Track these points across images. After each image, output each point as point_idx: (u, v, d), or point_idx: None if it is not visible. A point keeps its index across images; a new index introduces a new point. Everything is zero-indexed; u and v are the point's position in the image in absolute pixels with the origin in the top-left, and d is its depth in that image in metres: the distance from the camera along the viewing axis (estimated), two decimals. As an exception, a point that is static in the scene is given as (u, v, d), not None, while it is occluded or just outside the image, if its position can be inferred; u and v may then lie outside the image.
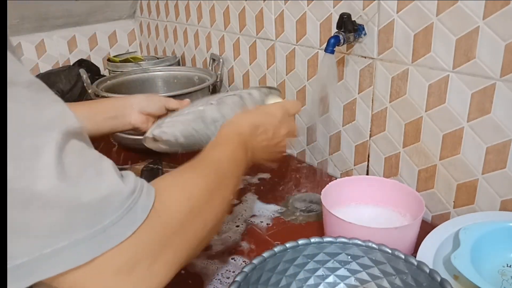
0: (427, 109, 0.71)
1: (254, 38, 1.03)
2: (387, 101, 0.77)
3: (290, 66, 0.96)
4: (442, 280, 0.47)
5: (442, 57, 0.67)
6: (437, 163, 0.73)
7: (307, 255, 0.55)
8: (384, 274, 0.53)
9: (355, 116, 0.84)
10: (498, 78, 0.61)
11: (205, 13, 1.18)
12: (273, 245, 0.69)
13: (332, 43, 0.75)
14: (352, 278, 0.55)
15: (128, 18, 1.53)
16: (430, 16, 0.66)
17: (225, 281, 0.64)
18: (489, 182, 0.67)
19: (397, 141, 0.78)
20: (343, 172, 0.92)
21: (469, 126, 0.67)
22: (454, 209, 0.73)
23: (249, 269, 0.49)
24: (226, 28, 1.12)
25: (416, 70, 0.71)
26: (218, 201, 0.48)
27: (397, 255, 0.52)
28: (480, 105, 0.64)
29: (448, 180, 0.72)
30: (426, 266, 0.49)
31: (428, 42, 0.68)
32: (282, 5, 0.92)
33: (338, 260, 0.55)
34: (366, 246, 0.54)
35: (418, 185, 0.77)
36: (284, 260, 0.53)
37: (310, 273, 0.55)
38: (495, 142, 0.64)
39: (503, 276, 0.58)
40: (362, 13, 0.76)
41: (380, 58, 0.76)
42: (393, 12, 0.71)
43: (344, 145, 0.89)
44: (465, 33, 0.63)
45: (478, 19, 0.61)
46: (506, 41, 0.59)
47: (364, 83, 0.80)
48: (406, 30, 0.70)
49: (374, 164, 0.84)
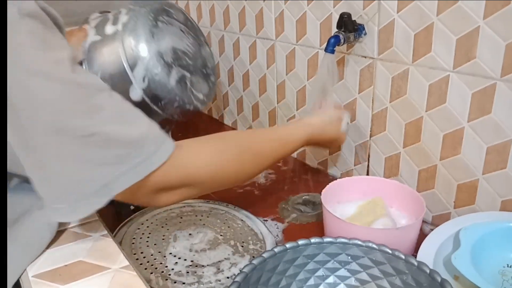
0: (427, 109, 0.71)
1: (254, 38, 1.03)
2: (387, 101, 0.77)
3: (290, 66, 0.95)
4: (442, 280, 0.47)
5: (443, 57, 0.67)
6: (438, 163, 0.72)
7: (307, 255, 0.54)
8: (384, 275, 0.53)
9: (355, 116, 0.84)
10: (499, 78, 0.61)
11: (205, 13, 1.18)
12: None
13: (332, 43, 0.75)
14: (352, 279, 0.55)
15: (128, 18, 1.52)
16: (431, 16, 0.66)
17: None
18: (489, 182, 0.66)
19: (398, 141, 0.78)
20: (343, 172, 0.92)
21: (469, 126, 0.66)
22: (454, 209, 0.72)
23: (249, 269, 0.49)
24: (226, 28, 1.12)
25: (416, 70, 0.71)
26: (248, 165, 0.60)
27: (397, 255, 0.52)
28: (480, 105, 0.64)
29: (449, 180, 0.72)
30: (427, 267, 0.49)
31: (428, 42, 0.68)
32: (282, 5, 0.92)
33: (338, 260, 0.55)
34: (366, 246, 0.54)
35: (419, 185, 0.77)
36: (284, 260, 0.53)
37: (310, 273, 0.55)
38: (495, 142, 0.64)
39: (504, 276, 0.58)
40: (362, 12, 0.76)
41: (381, 58, 0.76)
42: (393, 12, 0.71)
43: (344, 145, 0.89)
44: (466, 33, 0.63)
45: (478, 19, 0.61)
46: (506, 41, 0.59)
47: (364, 83, 0.80)
48: (406, 30, 0.70)
49: (374, 164, 0.84)
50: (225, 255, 0.68)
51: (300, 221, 0.78)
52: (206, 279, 0.63)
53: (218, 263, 0.66)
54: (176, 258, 0.67)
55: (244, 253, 0.68)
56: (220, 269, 0.65)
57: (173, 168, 0.50)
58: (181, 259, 0.67)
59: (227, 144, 0.59)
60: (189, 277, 0.63)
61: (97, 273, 0.50)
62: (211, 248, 0.69)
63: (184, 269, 0.65)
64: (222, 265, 0.65)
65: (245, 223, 0.76)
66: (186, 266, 0.65)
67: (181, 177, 0.52)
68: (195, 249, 0.69)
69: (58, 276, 0.49)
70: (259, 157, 0.61)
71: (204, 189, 0.56)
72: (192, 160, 0.53)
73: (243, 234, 0.73)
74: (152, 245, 0.70)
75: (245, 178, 0.62)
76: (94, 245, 0.55)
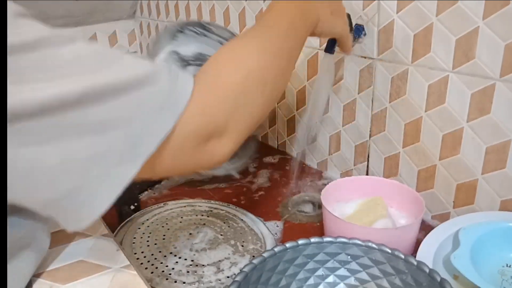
0: (427, 109, 0.71)
1: (254, 38, 1.03)
2: (387, 101, 0.77)
3: (290, 66, 0.95)
4: (442, 280, 0.47)
5: (442, 57, 0.67)
6: (437, 163, 0.73)
7: (307, 255, 0.55)
8: (384, 274, 0.53)
9: (355, 116, 0.84)
10: (498, 78, 0.61)
11: (205, 13, 1.18)
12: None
13: (332, 43, 0.75)
14: (352, 278, 0.55)
15: (128, 18, 1.53)
16: (430, 16, 0.66)
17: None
18: (488, 182, 0.67)
19: (397, 141, 0.78)
20: (342, 172, 0.92)
21: (468, 126, 0.67)
22: (454, 209, 0.73)
23: (249, 269, 0.49)
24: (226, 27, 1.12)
25: (416, 70, 0.71)
26: (275, 76, 0.47)
27: (397, 255, 0.52)
28: (479, 105, 0.64)
29: (448, 180, 0.72)
30: (426, 266, 0.49)
31: (428, 42, 0.68)
32: (282, 5, 0.92)
33: (338, 260, 0.55)
34: (366, 246, 0.54)
35: (418, 185, 0.77)
36: (284, 260, 0.53)
37: (310, 273, 0.55)
38: (494, 142, 0.64)
39: (503, 276, 0.58)
40: (362, 13, 0.76)
41: (380, 58, 0.76)
42: (393, 12, 0.71)
43: (344, 145, 0.89)
44: (465, 33, 0.63)
45: (478, 19, 0.61)
46: (506, 41, 0.59)
47: (364, 83, 0.80)
48: (406, 30, 0.70)
49: (374, 164, 0.84)
50: (225, 254, 0.68)
51: (300, 221, 0.78)
52: (206, 279, 0.63)
53: (218, 262, 0.66)
54: (177, 257, 0.67)
55: (244, 252, 0.69)
56: (220, 269, 0.65)
57: (207, 91, 0.40)
58: (181, 259, 0.67)
59: (249, 42, 0.48)
60: (190, 277, 0.63)
61: (97, 272, 0.50)
62: (211, 247, 0.69)
63: (184, 268, 0.65)
64: (222, 265, 0.66)
65: (245, 223, 0.76)
66: (186, 265, 0.65)
67: (220, 97, 0.41)
68: (196, 248, 0.69)
69: (59, 276, 0.49)
70: (278, 40, 0.50)
71: (253, 105, 0.44)
72: (224, 72, 0.43)
73: (243, 233, 0.73)
74: (152, 244, 0.70)
75: (283, 72, 0.50)
76: (94, 245, 0.55)
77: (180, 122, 0.37)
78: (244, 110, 0.43)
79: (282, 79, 0.49)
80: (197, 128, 0.38)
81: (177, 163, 0.39)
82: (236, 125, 0.42)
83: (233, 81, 0.42)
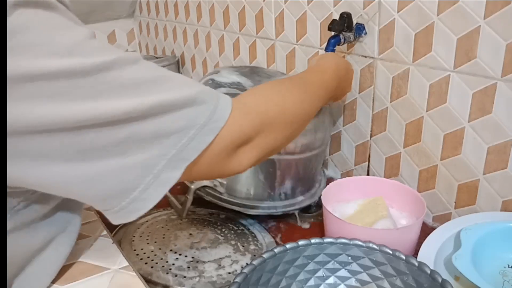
0: (428, 109, 0.71)
1: (254, 37, 1.03)
2: (387, 101, 0.77)
3: (290, 66, 0.95)
4: (443, 281, 0.47)
5: (443, 56, 0.67)
6: (438, 163, 0.72)
7: (307, 256, 0.54)
8: (385, 275, 0.53)
9: (355, 116, 0.84)
10: (499, 78, 0.61)
11: (204, 13, 1.18)
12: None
13: (333, 43, 0.75)
14: (353, 279, 0.55)
15: (127, 18, 1.52)
16: (431, 16, 0.66)
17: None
18: (490, 182, 0.66)
19: (398, 141, 0.78)
20: (343, 173, 0.92)
21: (470, 126, 0.66)
22: (455, 209, 0.72)
23: (249, 270, 0.49)
24: (225, 27, 1.12)
25: (417, 70, 0.71)
26: (302, 120, 0.58)
27: (398, 256, 0.52)
28: (481, 105, 0.64)
29: (449, 180, 0.71)
30: (427, 267, 0.49)
31: (429, 41, 0.67)
32: (282, 4, 0.92)
33: (339, 261, 0.55)
34: (366, 247, 0.54)
35: (419, 185, 0.77)
36: (284, 261, 0.53)
37: (310, 274, 0.55)
38: (496, 142, 0.64)
39: (504, 277, 0.58)
40: (363, 12, 0.76)
41: (381, 57, 0.76)
42: (393, 12, 0.71)
43: (344, 145, 0.89)
44: (466, 33, 0.63)
45: (479, 18, 0.61)
46: (507, 41, 0.59)
47: (364, 82, 0.80)
48: (406, 30, 0.70)
49: (374, 164, 0.84)
50: (226, 253, 0.68)
51: (300, 221, 0.78)
52: (207, 274, 0.62)
53: (219, 259, 0.66)
54: (177, 254, 0.67)
55: (245, 252, 0.68)
56: (221, 265, 0.65)
57: (243, 113, 0.47)
58: (181, 255, 0.66)
59: (286, 86, 0.58)
60: (190, 272, 0.63)
61: (96, 273, 0.50)
62: (212, 246, 0.69)
63: (185, 264, 0.64)
64: (223, 262, 0.65)
65: (245, 226, 0.76)
66: (187, 261, 0.65)
67: (253, 120, 0.48)
68: (196, 247, 0.69)
69: (58, 277, 0.49)
70: (312, 95, 0.61)
71: (277, 132, 0.52)
72: (259, 102, 0.51)
73: (243, 234, 0.73)
74: (152, 242, 0.70)
75: (306, 119, 0.60)
76: (93, 246, 0.55)
77: (218, 137, 0.43)
78: (270, 135, 0.51)
79: (306, 123, 0.59)
80: (231, 142, 0.45)
81: (211, 169, 0.46)
82: (261, 141, 0.50)
83: (269, 112, 0.51)
